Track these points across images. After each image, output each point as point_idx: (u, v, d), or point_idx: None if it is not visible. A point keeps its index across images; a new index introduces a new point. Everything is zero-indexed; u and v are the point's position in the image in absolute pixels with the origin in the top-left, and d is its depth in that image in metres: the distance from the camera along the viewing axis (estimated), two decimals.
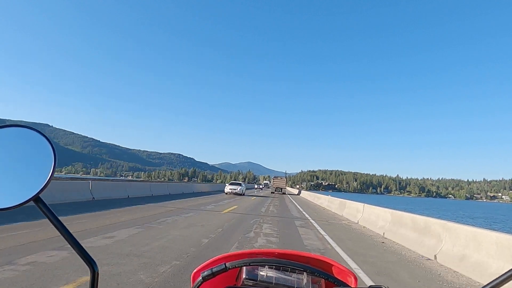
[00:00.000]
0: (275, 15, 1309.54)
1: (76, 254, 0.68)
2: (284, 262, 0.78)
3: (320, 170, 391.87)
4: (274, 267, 0.80)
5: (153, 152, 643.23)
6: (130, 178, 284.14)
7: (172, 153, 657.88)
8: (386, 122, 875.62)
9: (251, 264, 0.79)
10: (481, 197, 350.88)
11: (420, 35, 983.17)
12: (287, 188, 61.60)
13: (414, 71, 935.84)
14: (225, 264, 0.76)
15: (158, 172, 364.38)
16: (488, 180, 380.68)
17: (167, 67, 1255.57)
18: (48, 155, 0.72)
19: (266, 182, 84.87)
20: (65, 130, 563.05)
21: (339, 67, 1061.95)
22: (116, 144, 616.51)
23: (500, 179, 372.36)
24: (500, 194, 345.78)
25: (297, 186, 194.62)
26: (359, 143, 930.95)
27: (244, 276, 0.80)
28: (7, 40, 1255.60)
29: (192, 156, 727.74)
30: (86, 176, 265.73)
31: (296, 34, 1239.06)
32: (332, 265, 0.88)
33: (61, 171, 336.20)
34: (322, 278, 0.79)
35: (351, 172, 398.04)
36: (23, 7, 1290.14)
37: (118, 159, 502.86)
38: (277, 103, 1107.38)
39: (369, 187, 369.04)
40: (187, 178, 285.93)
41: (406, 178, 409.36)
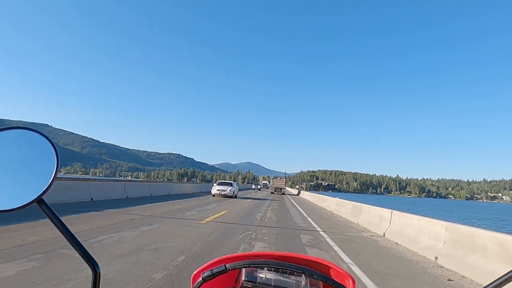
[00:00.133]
0: (275, 15, 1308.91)
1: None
2: (283, 264, 0.79)
3: (320, 170, 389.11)
4: (273, 269, 0.80)
5: (152, 152, 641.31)
6: (129, 178, 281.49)
7: (171, 153, 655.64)
8: (386, 122, 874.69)
9: (251, 265, 0.79)
10: (481, 197, 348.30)
11: (420, 35, 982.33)
12: (287, 188, 61.30)
13: (414, 71, 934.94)
14: (225, 265, 0.76)
15: (157, 172, 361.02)
16: (488, 180, 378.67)
17: (167, 67, 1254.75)
18: (50, 157, 0.72)
19: (265, 182, 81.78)
20: (64, 130, 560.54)
21: (339, 67, 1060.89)
22: (116, 144, 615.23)
23: (500, 179, 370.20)
24: (500, 195, 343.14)
25: (296, 187, 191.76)
26: (359, 143, 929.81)
27: (243, 278, 0.80)
28: (7, 40, 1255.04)
29: (191, 156, 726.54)
30: (85, 176, 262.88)
31: (296, 34, 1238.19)
32: (330, 267, 0.87)
33: (60, 172, 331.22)
34: (321, 281, 0.79)
35: (351, 172, 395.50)
36: (23, 7, 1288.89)
37: (117, 159, 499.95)
38: (277, 103, 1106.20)
39: (369, 187, 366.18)
40: (186, 178, 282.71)
41: (406, 178, 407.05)
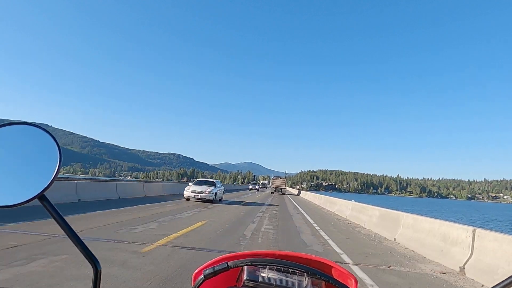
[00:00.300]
0: (275, 15, 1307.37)
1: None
2: (285, 263, 0.78)
3: (320, 170, 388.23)
4: (275, 268, 0.80)
5: (152, 152, 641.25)
6: (129, 178, 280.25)
7: (171, 153, 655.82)
8: (386, 122, 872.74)
9: (253, 264, 0.78)
10: (482, 197, 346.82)
11: (420, 35, 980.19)
12: (287, 188, 60.39)
13: (414, 72, 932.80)
14: (227, 263, 0.76)
15: (157, 172, 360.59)
16: (489, 180, 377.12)
17: (167, 67, 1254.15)
18: (53, 153, 0.72)
19: (264, 182, 79.62)
20: (64, 130, 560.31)
21: (339, 67, 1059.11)
22: (116, 144, 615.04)
23: (501, 179, 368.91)
24: (501, 195, 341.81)
25: (297, 187, 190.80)
26: (359, 143, 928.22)
27: (245, 277, 0.80)
28: (7, 40, 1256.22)
29: (191, 156, 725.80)
30: (84, 176, 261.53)
31: (296, 34, 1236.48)
32: (332, 267, 0.87)
33: (60, 172, 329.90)
34: (323, 280, 0.79)
35: (352, 172, 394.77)
36: (23, 7, 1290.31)
37: (117, 159, 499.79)
38: (277, 103, 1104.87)
39: (369, 187, 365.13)
40: (186, 178, 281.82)
41: (407, 178, 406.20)
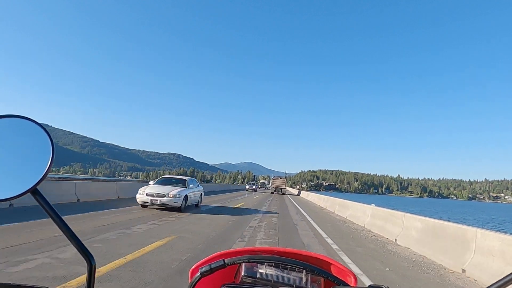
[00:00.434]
0: (275, 15, 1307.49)
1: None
2: (284, 260, 0.77)
3: (320, 170, 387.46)
4: (274, 264, 0.79)
5: (152, 152, 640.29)
6: (128, 178, 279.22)
7: (171, 153, 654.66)
8: (387, 122, 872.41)
9: (250, 261, 0.76)
10: (483, 197, 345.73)
11: (420, 35, 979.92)
12: (287, 188, 60.29)
13: (414, 72, 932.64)
14: (224, 260, 0.74)
15: (157, 172, 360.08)
16: (490, 180, 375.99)
17: (167, 67, 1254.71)
18: (46, 146, 0.69)
19: (263, 182, 78.04)
20: (64, 130, 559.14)
21: (339, 67, 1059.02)
22: (116, 144, 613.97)
23: (502, 179, 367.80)
24: (502, 195, 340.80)
25: (297, 186, 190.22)
26: (359, 143, 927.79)
27: (243, 274, 0.79)
28: (7, 40, 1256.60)
29: (191, 156, 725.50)
30: (84, 176, 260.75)
31: (296, 34, 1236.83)
32: (331, 264, 0.86)
33: (59, 171, 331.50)
34: (322, 277, 0.78)
35: (352, 172, 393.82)
36: (23, 7, 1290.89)
37: (117, 159, 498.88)
38: (277, 103, 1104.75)
39: (370, 187, 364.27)
40: None
41: (407, 178, 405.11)
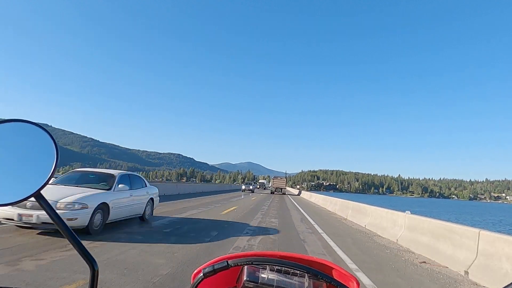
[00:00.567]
0: (275, 16, 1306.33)
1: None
2: (286, 263, 0.77)
3: (321, 170, 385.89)
4: (276, 270, 0.79)
5: (152, 152, 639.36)
6: None
7: (171, 153, 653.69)
8: (387, 122, 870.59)
9: (254, 263, 0.77)
10: (484, 197, 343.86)
11: (420, 35, 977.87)
12: (287, 188, 59.47)
13: (414, 72, 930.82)
14: (227, 261, 0.75)
15: (157, 172, 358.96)
16: (491, 180, 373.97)
17: (167, 68, 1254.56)
18: (50, 151, 0.70)
19: (262, 182, 75.29)
20: (64, 130, 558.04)
21: (339, 67, 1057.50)
22: (116, 144, 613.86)
23: (503, 179, 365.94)
24: (504, 195, 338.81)
25: (297, 187, 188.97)
26: (360, 143, 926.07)
27: (245, 278, 0.78)
28: (7, 40, 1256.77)
29: (191, 156, 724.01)
30: None
31: (296, 34, 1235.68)
32: (333, 268, 0.86)
33: (58, 171, 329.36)
34: (324, 282, 0.77)
35: (352, 172, 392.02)
36: (24, 8, 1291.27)
37: (117, 159, 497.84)
38: (277, 103, 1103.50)
39: (370, 187, 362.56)
40: (185, 178, 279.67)
41: (408, 178, 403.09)
